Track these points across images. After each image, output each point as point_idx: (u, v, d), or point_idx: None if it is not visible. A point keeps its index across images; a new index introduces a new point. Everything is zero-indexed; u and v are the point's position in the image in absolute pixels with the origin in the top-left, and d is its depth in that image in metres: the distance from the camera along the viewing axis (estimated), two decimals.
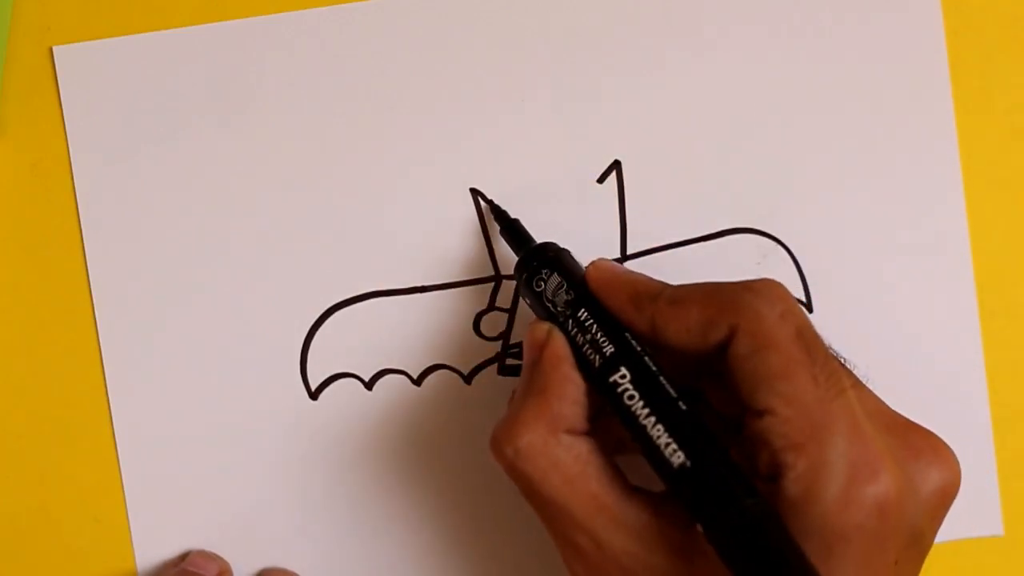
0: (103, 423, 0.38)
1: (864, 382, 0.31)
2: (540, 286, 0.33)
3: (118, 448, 0.38)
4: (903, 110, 0.37)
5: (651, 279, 0.32)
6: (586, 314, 0.31)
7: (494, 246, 0.38)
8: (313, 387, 0.38)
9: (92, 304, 0.38)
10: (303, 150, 0.38)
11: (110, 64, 0.38)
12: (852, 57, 0.37)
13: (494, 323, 0.38)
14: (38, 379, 0.38)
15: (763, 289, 0.29)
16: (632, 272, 0.32)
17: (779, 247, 0.38)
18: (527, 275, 0.33)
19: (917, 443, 0.30)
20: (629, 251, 0.38)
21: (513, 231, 0.36)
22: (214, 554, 0.38)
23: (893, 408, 0.31)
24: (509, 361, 0.38)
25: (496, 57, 0.37)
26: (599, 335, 0.31)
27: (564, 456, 0.30)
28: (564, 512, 0.30)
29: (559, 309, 0.32)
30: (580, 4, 0.37)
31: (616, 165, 0.38)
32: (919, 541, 0.29)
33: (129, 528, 0.38)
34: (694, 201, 0.38)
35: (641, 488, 0.31)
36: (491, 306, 0.38)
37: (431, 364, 0.38)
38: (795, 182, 0.37)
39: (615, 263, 0.33)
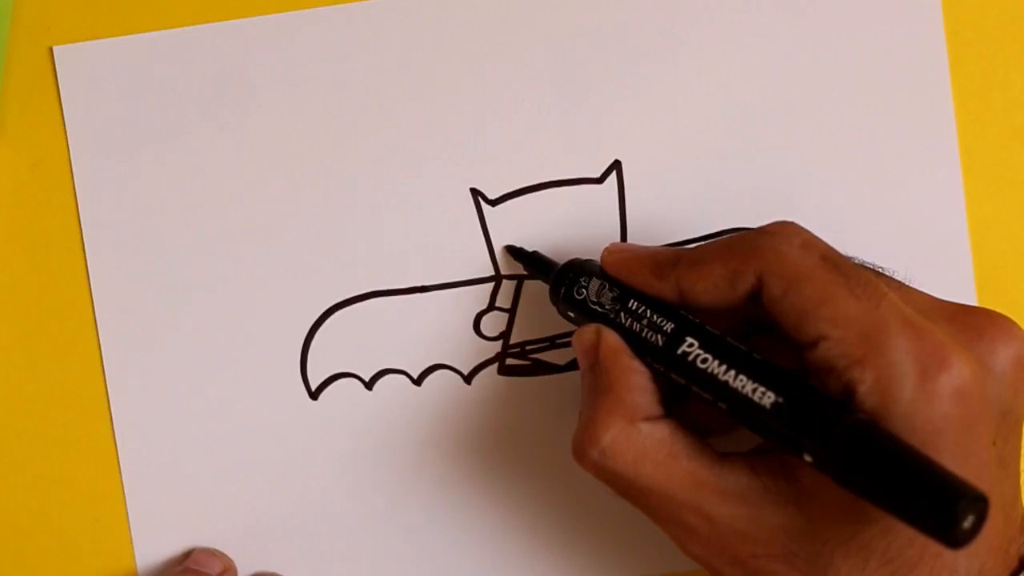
0: (103, 423, 0.38)
1: (907, 283, 0.31)
2: (582, 294, 0.33)
3: (118, 448, 0.38)
4: (903, 110, 0.37)
5: (667, 248, 0.33)
6: (636, 303, 0.32)
7: (494, 246, 0.38)
8: (313, 387, 0.38)
9: (92, 304, 0.38)
10: (303, 150, 0.38)
11: (110, 64, 0.38)
12: (852, 57, 0.37)
13: (494, 323, 0.38)
14: (38, 379, 0.38)
15: (777, 230, 0.30)
16: (647, 247, 0.33)
17: None
18: (565, 288, 0.34)
19: (976, 322, 0.30)
20: None
21: (535, 261, 0.36)
22: (218, 551, 0.38)
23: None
24: (509, 361, 0.38)
25: (496, 57, 0.37)
26: (655, 316, 0.31)
27: (649, 443, 0.30)
28: (665, 497, 0.30)
29: (607, 307, 0.32)
30: (580, 4, 0.37)
31: (616, 165, 0.38)
32: (1009, 416, 0.29)
33: (129, 528, 0.38)
34: (694, 201, 0.37)
35: (731, 453, 0.31)
36: (491, 306, 0.38)
37: (431, 364, 0.38)
38: (795, 182, 0.37)
39: (627, 243, 0.34)
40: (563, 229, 0.38)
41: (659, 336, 0.31)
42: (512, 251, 0.37)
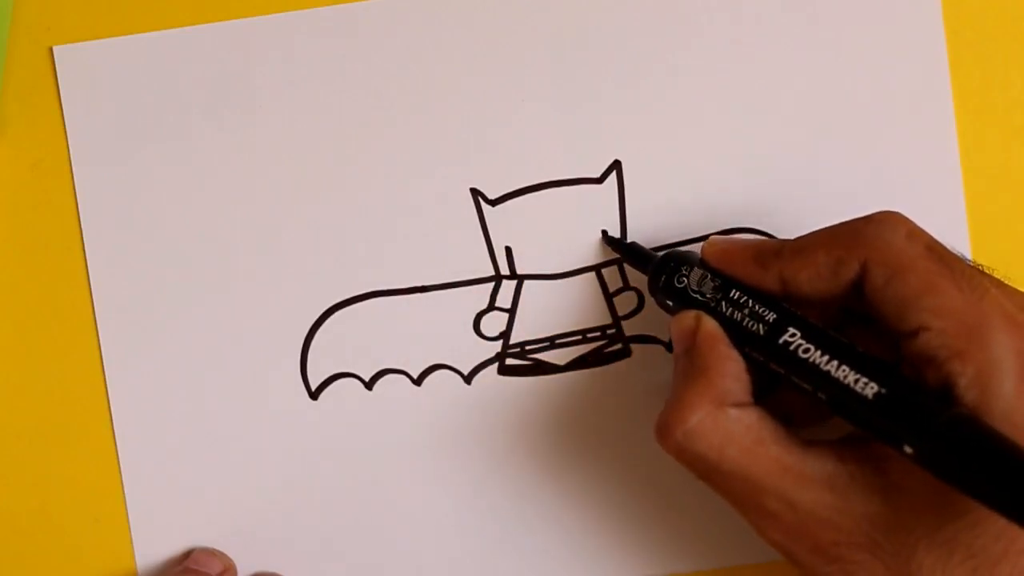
0: (103, 423, 0.38)
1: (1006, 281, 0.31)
2: (682, 283, 0.33)
3: (118, 448, 0.38)
4: (903, 110, 0.37)
5: (769, 239, 0.32)
6: (737, 292, 0.32)
7: (494, 246, 0.38)
8: (313, 387, 0.38)
9: (92, 304, 0.38)
10: (303, 150, 0.38)
11: (110, 64, 0.38)
12: (852, 57, 0.37)
13: (494, 323, 0.38)
14: (38, 379, 0.38)
15: (882, 218, 0.30)
16: (748, 238, 0.33)
17: None
18: (666, 276, 0.34)
19: None
20: None
21: (634, 252, 0.37)
22: (218, 551, 0.38)
23: None
24: (509, 361, 0.38)
25: (496, 57, 0.37)
26: (756, 306, 0.32)
27: (736, 428, 0.30)
28: (748, 482, 0.30)
29: (708, 296, 0.33)
30: (580, 4, 0.37)
31: (616, 165, 0.38)
32: None
33: (129, 528, 0.38)
34: (694, 201, 0.37)
35: (818, 440, 0.31)
36: (491, 306, 0.38)
37: (431, 364, 0.38)
38: (795, 182, 0.37)
39: (729, 236, 0.34)
40: (563, 229, 0.38)
41: (760, 325, 0.31)
42: (609, 240, 0.37)
